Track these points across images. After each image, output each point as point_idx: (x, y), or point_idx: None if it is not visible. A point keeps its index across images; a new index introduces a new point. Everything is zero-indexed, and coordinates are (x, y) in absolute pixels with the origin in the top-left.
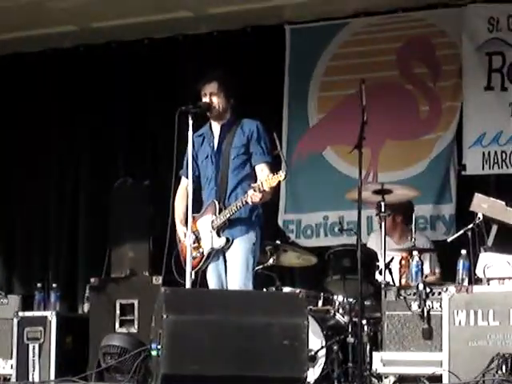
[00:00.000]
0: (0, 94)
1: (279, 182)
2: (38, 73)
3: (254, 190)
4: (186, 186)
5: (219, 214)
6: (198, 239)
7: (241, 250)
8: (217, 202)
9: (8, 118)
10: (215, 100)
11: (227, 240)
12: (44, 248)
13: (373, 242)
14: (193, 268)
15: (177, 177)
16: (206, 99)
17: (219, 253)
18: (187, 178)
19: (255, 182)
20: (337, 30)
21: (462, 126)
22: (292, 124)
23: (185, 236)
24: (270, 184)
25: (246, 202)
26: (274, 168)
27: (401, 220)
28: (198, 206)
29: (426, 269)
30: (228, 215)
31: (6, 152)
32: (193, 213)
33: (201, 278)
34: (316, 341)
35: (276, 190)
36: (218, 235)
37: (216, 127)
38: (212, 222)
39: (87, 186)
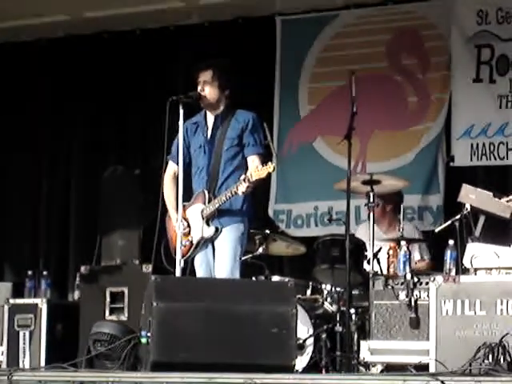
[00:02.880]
0: None
1: (269, 173)
2: (30, 62)
3: (244, 181)
4: (173, 171)
5: (209, 203)
6: (188, 227)
7: (229, 239)
8: (206, 192)
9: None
10: (207, 89)
11: (216, 229)
12: (35, 235)
13: (361, 232)
14: (182, 256)
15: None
16: (200, 87)
17: (208, 241)
18: (176, 164)
19: (246, 172)
20: (327, 22)
21: (451, 117)
22: (283, 115)
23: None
24: (259, 175)
25: (236, 193)
26: (266, 159)
27: (391, 209)
28: (186, 194)
29: (416, 256)
30: (217, 205)
31: None
32: (183, 201)
33: (190, 266)
34: (304, 329)
35: (266, 180)
36: (208, 224)
37: (210, 117)
38: (202, 211)
39: (78, 173)
